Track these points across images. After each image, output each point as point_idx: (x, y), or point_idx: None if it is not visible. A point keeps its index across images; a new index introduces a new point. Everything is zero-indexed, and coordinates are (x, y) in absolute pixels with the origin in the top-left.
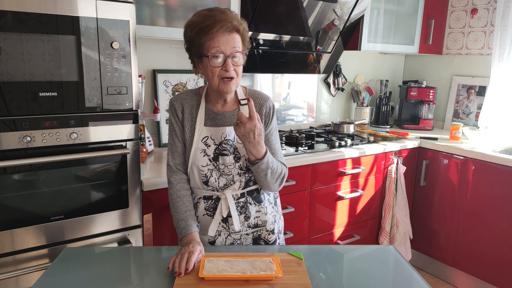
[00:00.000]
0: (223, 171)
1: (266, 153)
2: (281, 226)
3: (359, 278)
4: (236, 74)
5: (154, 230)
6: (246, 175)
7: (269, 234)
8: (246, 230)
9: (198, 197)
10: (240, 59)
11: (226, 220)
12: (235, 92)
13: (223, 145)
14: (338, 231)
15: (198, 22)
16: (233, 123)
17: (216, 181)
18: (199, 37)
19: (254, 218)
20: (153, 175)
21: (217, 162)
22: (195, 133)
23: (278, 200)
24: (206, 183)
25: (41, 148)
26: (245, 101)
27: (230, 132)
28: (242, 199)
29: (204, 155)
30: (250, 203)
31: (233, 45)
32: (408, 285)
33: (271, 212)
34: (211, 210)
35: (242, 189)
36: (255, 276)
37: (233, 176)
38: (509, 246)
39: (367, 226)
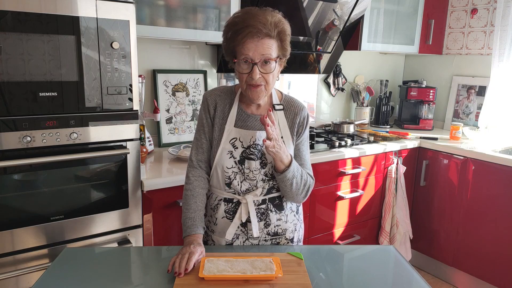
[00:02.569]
0: (248, 175)
1: (292, 159)
2: (301, 234)
3: (359, 278)
4: (265, 81)
5: (154, 230)
6: (270, 182)
7: (288, 242)
8: (265, 237)
9: (218, 198)
10: (271, 66)
11: (245, 224)
12: (270, 96)
13: (251, 149)
14: (338, 231)
15: (231, 24)
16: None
17: (238, 185)
18: (230, 41)
19: (275, 227)
20: (153, 175)
21: (243, 166)
22: (224, 133)
23: (301, 208)
24: (228, 185)
25: (41, 148)
26: (280, 107)
27: (259, 137)
28: (263, 206)
29: (230, 157)
30: (271, 210)
31: (262, 52)
32: (408, 285)
33: (292, 220)
34: (231, 213)
35: (264, 195)
36: (255, 276)
37: (257, 181)
38: (509, 246)
39: (367, 226)
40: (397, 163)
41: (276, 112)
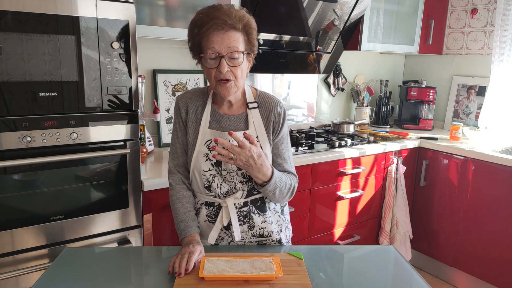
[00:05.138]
0: (225, 177)
1: (272, 173)
2: (288, 235)
3: (359, 278)
4: (234, 76)
5: (154, 230)
6: (249, 183)
7: (275, 243)
8: (251, 239)
9: (200, 202)
10: (240, 60)
11: (228, 227)
12: (244, 93)
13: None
14: (338, 231)
15: (195, 20)
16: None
17: (218, 187)
18: (195, 37)
19: (260, 229)
20: (153, 175)
21: (220, 168)
22: (199, 135)
23: (286, 208)
24: (208, 188)
25: (41, 148)
26: (255, 105)
27: (234, 137)
28: (245, 208)
29: (207, 160)
30: (254, 213)
31: (229, 44)
32: (408, 285)
33: (277, 221)
34: (213, 217)
35: (245, 197)
36: (255, 276)
37: (235, 183)
38: (509, 246)
39: (367, 226)
40: (397, 163)
41: (250, 111)
